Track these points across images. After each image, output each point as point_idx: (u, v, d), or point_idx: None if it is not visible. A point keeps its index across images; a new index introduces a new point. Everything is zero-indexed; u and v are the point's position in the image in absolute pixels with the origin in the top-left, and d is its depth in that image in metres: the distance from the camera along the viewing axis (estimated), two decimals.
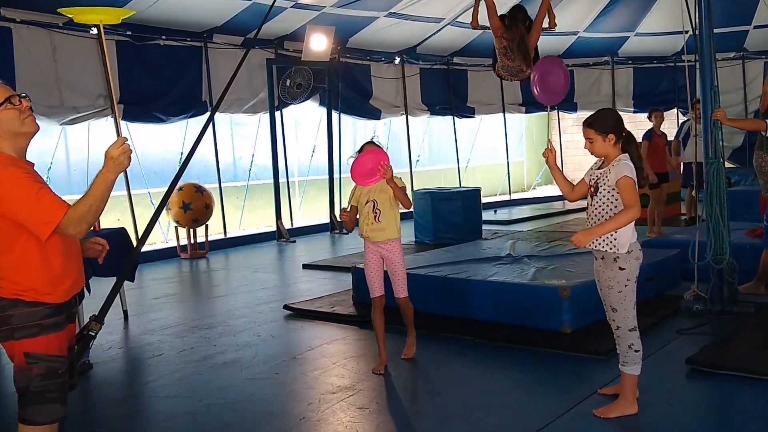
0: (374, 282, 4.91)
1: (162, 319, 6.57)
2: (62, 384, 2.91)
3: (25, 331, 2.82)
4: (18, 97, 2.87)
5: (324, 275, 8.38)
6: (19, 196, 2.72)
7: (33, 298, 2.83)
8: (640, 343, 3.91)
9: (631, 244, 3.82)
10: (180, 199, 9.67)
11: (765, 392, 4.17)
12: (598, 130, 3.83)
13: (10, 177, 2.75)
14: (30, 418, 2.85)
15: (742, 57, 14.53)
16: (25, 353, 2.82)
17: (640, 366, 3.91)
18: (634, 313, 3.89)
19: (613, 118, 3.88)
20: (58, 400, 2.88)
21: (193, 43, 10.58)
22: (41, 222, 2.74)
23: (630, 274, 3.83)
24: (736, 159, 14.66)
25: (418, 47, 13.62)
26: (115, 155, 2.81)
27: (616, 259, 3.81)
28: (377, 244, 4.90)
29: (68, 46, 9.11)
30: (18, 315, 2.82)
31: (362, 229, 4.93)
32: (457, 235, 9.73)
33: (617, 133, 3.82)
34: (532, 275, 5.85)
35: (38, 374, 2.83)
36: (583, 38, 14.40)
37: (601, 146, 3.84)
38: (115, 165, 2.81)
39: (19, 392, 2.86)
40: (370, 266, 4.92)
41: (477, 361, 5.05)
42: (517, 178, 17.64)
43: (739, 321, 5.50)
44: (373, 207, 4.85)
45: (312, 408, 4.20)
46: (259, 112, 11.66)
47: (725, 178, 5.89)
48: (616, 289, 3.85)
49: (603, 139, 3.82)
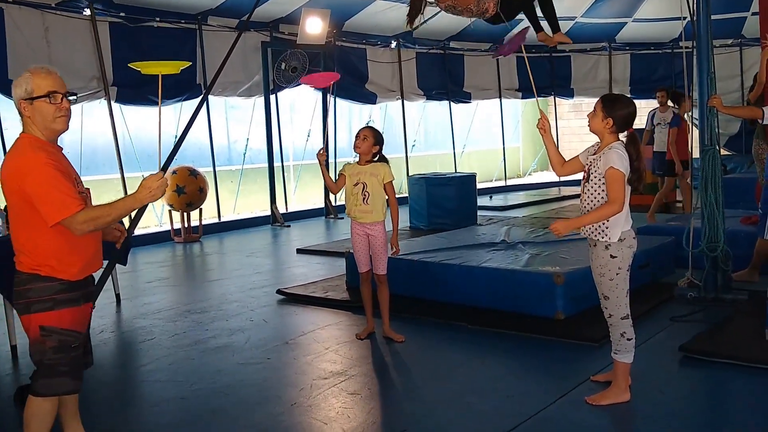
0: (362, 259, 5.17)
1: (154, 303, 6.55)
2: (74, 359, 3.05)
3: (41, 305, 2.97)
4: (62, 96, 3.02)
5: (318, 260, 8.36)
6: (38, 181, 2.88)
7: (48, 273, 2.98)
8: (633, 331, 3.91)
9: (624, 232, 3.80)
10: (174, 182, 9.61)
11: (757, 380, 4.17)
12: (605, 107, 3.80)
13: (36, 160, 2.91)
14: (38, 390, 3.03)
15: (740, 44, 14.49)
16: (40, 326, 2.98)
17: (632, 354, 3.91)
18: (627, 302, 3.88)
19: (627, 109, 3.82)
20: (68, 374, 3.03)
21: (188, 26, 10.49)
22: (49, 212, 2.89)
23: (622, 262, 3.81)
24: (732, 146, 14.65)
25: (414, 31, 13.52)
26: (153, 187, 2.96)
27: (607, 246, 3.80)
28: (363, 225, 5.08)
29: (61, 27, 9.02)
30: (35, 289, 2.97)
31: (349, 209, 5.12)
32: (452, 220, 9.72)
33: (619, 123, 3.79)
34: (526, 262, 5.83)
35: (51, 347, 2.98)
36: (581, 24, 14.31)
37: (598, 124, 3.82)
38: (150, 196, 2.98)
39: (35, 365, 3.04)
40: (357, 245, 5.15)
41: (470, 347, 5.04)
42: (512, 164, 17.60)
43: (733, 309, 5.51)
44: (362, 189, 5.02)
45: (304, 393, 4.19)
46: (254, 95, 11.58)
47: (721, 166, 5.87)
48: (607, 276, 3.83)
49: (603, 117, 3.80)
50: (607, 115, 3.79)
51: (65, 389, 3.06)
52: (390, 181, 5.06)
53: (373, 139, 5.05)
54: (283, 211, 11.94)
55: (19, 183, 2.90)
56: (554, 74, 15.64)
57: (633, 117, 3.85)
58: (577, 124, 18.44)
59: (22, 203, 2.94)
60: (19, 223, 3.00)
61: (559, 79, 15.71)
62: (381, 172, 5.03)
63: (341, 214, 12.04)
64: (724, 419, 3.79)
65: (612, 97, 3.91)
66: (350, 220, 5.18)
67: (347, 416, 3.84)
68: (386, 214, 5.11)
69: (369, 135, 5.05)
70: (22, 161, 2.93)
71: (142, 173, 10.65)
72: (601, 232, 3.80)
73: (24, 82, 3.01)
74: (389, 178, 5.05)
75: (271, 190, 11.73)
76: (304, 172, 13.26)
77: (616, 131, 3.82)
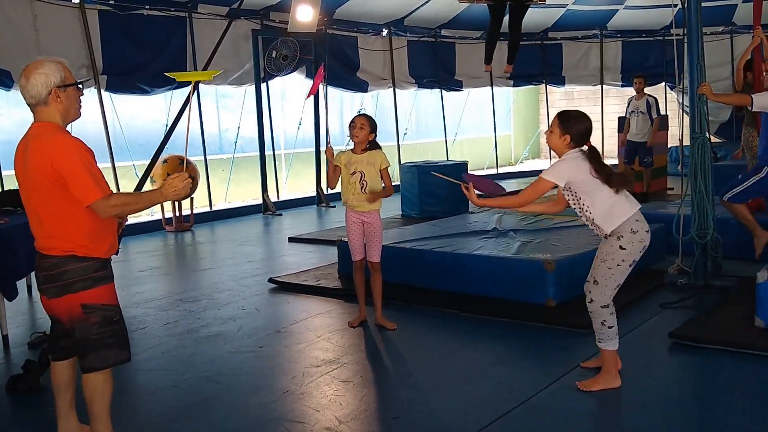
0: (356, 247, 5.17)
1: (146, 292, 6.54)
2: (118, 330, 3.21)
3: (82, 284, 3.09)
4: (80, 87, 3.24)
5: (310, 248, 8.36)
6: (75, 162, 2.99)
7: (85, 253, 3.10)
8: (614, 319, 3.93)
9: (636, 222, 3.85)
10: (165, 171, 9.57)
11: (747, 365, 4.21)
12: (562, 123, 3.88)
13: (71, 143, 3.04)
14: (91, 365, 3.14)
15: (731, 31, 14.51)
16: (82, 305, 3.09)
17: (616, 341, 3.93)
18: (612, 294, 3.91)
19: (582, 124, 3.89)
20: (116, 345, 3.18)
21: (178, 13, 10.42)
22: (84, 193, 3.00)
23: (628, 255, 3.85)
24: (722, 133, 14.70)
25: (405, 19, 13.50)
26: (179, 187, 3.16)
27: (619, 237, 3.83)
28: (360, 213, 5.09)
29: (50, 15, 8.96)
30: (72, 270, 3.08)
31: (347, 197, 5.11)
32: (444, 208, 9.73)
33: (576, 138, 3.86)
34: (517, 249, 5.85)
35: (95, 323, 3.12)
36: (572, 11, 14.31)
37: (556, 141, 3.90)
38: (174, 193, 3.17)
39: (80, 343, 3.14)
40: (353, 233, 5.15)
41: (461, 334, 5.06)
42: (504, 152, 17.62)
43: (722, 295, 5.54)
44: (360, 178, 5.03)
45: (296, 381, 4.20)
46: (244, 83, 11.53)
47: (711, 153, 5.89)
48: (607, 264, 3.87)
49: (560, 134, 3.87)
50: (564, 132, 3.86)
51: (117, 359, 3.21)
52: (386, 167, 5.08)
53: (369, 127, 5.07)
54: (274, 199, 11.92)
55: (53, 164, 2.97)
56: (546, 62, 15.63)
57: (589, 132, 3.91)
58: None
59: (52, 186, 3.02)
60: (49, 208, 3.07)
61: (550, 66, 15.71)
62: (377, 160, 5.05)
63: (333, 203, 12.04)
64: (713, 404, 3.82)
65: (568, 114, 3.95)
66: (345, 208, 5.18)
67: (339, 403, 3.86)
68: (381, 202, 5.13)
69: (366, 124, 5.06)
70: (55, 144, 3.02)
71: (132, 162, 10.63)
72: (597, 228, 3.90)
73: (57, 70, 3.13)
74: (385, 164, 5.08)
75: (262, 178, 11.71)
76: (296, 160, 13.24)
77: (572, 147, 3.88)
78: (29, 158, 3.05)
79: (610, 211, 3.84)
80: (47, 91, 3.09)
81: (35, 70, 3.09)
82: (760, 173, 5.84)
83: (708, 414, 3.69)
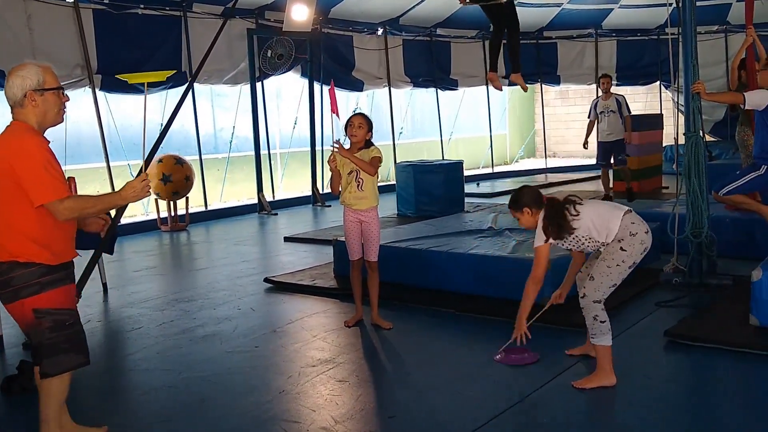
0: (353, 246, 5.16)
1: (142, 292, 6.53)
2: (72, 335, 3.18)
3: (29, 289, 3.08)
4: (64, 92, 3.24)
5: (305, 248, 8.35)
6: (32, 161, 2.99)
7: (27, 258, 3.07)
8: (605, 314, 3.94)
9: (632, 225, 3.91)
10: (160, 171, 9.57)
11: (742, 364, 4.22)
12: (514, 209, 4.07)
13: (32, 142, 3.04)
14: (45, 370, 3.14)
15: (725, 30, 14.54)
16: (34, 309, 3.10)
17: (610, 336, 3.94)
18: (607, 293, 3.93)
19: (527, 195, 4.05)
20: (70, 350, 3.17)
21: (172, 12, 10.41)
22: (39, 192, 3.00)
23: (628, 257, 3.89)
24: (717, 132, 14.72)
25: (400, 18, 13.50)
26: (138, 188, 3.15)
27: (620, 240, 3.89)
28: (357, 212, 5.09)
29: (44, 14, 8.93)
30: (18, 276, 3.07)
31: (344, 196, 5.12)
32: (439, 207, 9.74)
33: (531, 205, 4.01)
34: (513, 248, 5.86)
35: (47, 327, 3.11)
36: (567, 10, 14.33)
37: (526, 219, 4.06)
38: (134, 195, 3.16)
39: (35, 348, 3.16)
40: (350, 232, 5.14)
41: (457, 333, 5.07)
42: (500, 151, 17.64)
43: (717, 293, 5.56)
44: (356, 176, 5.04)
45: (292, 381, 4.20)
46: (239, 83, 11.53)
47: (705, 152, 5.89)
48: (606, 262, 3.90)
49: (529, 213, 4.02)
50: (522, 209, 4.02)
51: (72, 364, 3.20)
52: (378, 156, 5.03)
53: (366, 126, 5.08)
54: (270, 199, 11.92)
55: (11, 162, 2.99)
56: (541, 61, 15.65)
57: (535, 193, 4.07)
58: (563, 111, 18.51)
59: (10, 186, 3.01)
60: (5, 207, 3.07)
61: (545, 66, 15.72)
62: (370, 156, 5.04)
63: (328, 202, 12.04)
64: (709, 403, 3.83)
65: (513, 198, 4.11)
66: (342, 207, 5.18)
67: (336, 403, 3.86)
68: (379, 200, 5.15)
69: (364, 123, 5.07)
70: (18, 143, 3.05)
71: (128, 162, 10.62)
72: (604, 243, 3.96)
73: (35, 74, 3.14)
74: (377, 153, 5.04)
75: (257, 178, 11.70)
76: (291, 159, 13.24)
77: (537, 211, 4.01)
78: None
79: (605, 225, 3.92)
80: (22, 93, 3.11)
81: (15, 72, 3.14)
82: (759, 171, 5.86)
83: (703, 412, 3.70)
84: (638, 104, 17.08)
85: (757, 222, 6.20)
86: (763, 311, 4.54)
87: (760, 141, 5.86)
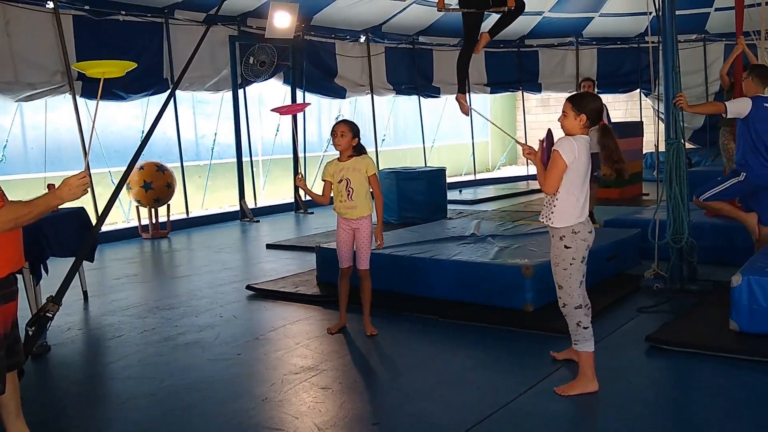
0: (344, 254, 5.15)
1: (122, 300, 6.47)
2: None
3: None
4: None
5: (288, 255, 8.33)
6: None
7: None
8: (588, 320, 3.97)
9: (578, 224, 3.90)
10: (141, 178, 9.51)
11: (722, 368, 4.25)
12: (575, 105, 3.88)
13: None
14: None
15: (704, 39, 14.71)
16: None
17: (592, 342, 3.96)
18: (580, 292, 3.95)
19: (595, 103, 3.93)
20: None
21: (154, 19, 10.36)
22: None
23: (576, 253, 3.90)
24: (697, 140, 14.88)
25: (383, 26, 13.53)
26: (75, 185, 2.93)
27: (562, 237, 3.91)
28: (349, 221, 5.07)
29: (23, 20, 8.85)
30: None
31: (336, 205, 5.12)
32: (422, 214, 9.75)
33: (592, 117, 3.87)
34: (495, 254, 5.87)
35: None
36: (548, 18, 14.43)
37: (571, 123, 3.89)
38: (70, 194, 2.93)
39: None
40: (342, 240, 5.13)
41: (440, 339, 5.07)
42: (482, 158, 17.69)
43: (698, 299, 5.60)
44: (346, 185, 5.03)
45: (275, 388, 4.17)
46: (221, 89, 11.48)
47: (685, 159, 5.96)
48: (561, 266, 3.94)
49: (575, 116, 3.87)
50: (579, 112, 3.87)
51: None
52: (374, 174, 5.07)
53: (350, 133, 5.05)
54: (252, 206, 11.87)
55: None
56: (522, 69, 15.74)
57: (602, 110, 3.96)
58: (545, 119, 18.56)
59: None
60: None
61: (526, 73, 15.82)
62: (363, 166, 5.03)
63: (311, 209, 12.01)
64: (690, 407, 3.86)
65: (578, 95, 4.01)
66: (336, 216, 5.16)
67: (319, 410, 3.84)
68: (372, 208, 5.14)
69: (346, 130, 5.04)
70: None
71: (108, 169, 10.53)
72: (547, 217, 3.94)
73: None
74: (372, 170, 5.06)
75: (239, 185, 11.65)
76: (273, 166, 13.20)
77: (588, 126, 3.90)
78: None
79: (576, 208, 3.89)
80: None
81: None
82: (739, 177, 5.92)
83: (685, 417, 3.73)
84: (618, 112, 17.22)
85: (737, 228, 6.27)
86: (742, 316, 4.59)
87: (741, 148, 5.93)
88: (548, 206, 3.95)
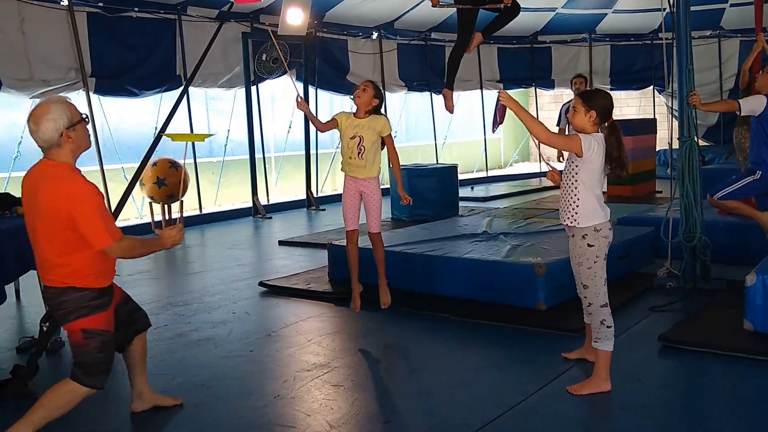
0: (349, 216, 5.10)
1: (136, 296, 6.37)
2: (110, 356, 3.49)
3: (80, 312, 3.34)
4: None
5: (300, 252, 8.34)
6: (90, 209, 3.22)
7: (84, 284, 3.33)
8: (612, 319, 3.96)
9: (600, 223, 3.90)
10: (154, 174, 9.50)
11: (736, 368, 4.23)
12: (586, 101, 3.89)
13: (86, 188, 3.25)
14: (85, 383, 3.40)
15: (718, 35, 14.60)
16: (82, 330, 3.36)
17: (612, 342, 3.95)
18: (605, 290, 3.94)
19: (606, 99, 3.93)
20: (107, 371, 3.47)
21: (167, 16, 10.39)
22: (97, 238, 3.26)
23: (599, 251, 3.89)
24: (710, 137, 14.79)
25: (395, 22, 13.50)
26: (174, 235, 3.58)
27: (584, 236, 3.89)
28: (356, 180, 5.01)
29: (37, 17, 8.89)
30: (71, 300, 3.32)
31: (344, 162, 5.02)
32: (434, 212, 9.73)
33: (602, 114, 3.88)
34: (507, 252, 5.86)
35: (95, 347, 3.38)
36: (561, 15, 14.36)
37: (581, 119, 3.89)
38: (172, 242, 3.58)
39: (79, 365, 3.40)
40: (348, 200, 5.07)
41: (452, 337, 5.06)
42: (494, 155, 17.65)
43: (711, 298, 5.57)
44: (359, 143, 4.93)
45: (287, 386, 4.19)
46: (234, 86, 11.50)
47: (699, 156, 5.92)
48: (585, 265, 3.91)
49: (585, 112, 3.87)
50: (590, 109, 3.87)
51: (102, 384, 3.47)
52: (389, 134, 5.02)
53: (373, 90, 5.00)
54: (264, 202, 11.89)
55: (68, 208, 3.19)
56: (535, 65, 15.68)
57: (612, 106, 3.96)
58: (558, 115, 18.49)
59: (63, 229, 3.22)
60: (56, 243, 3.27)
61: (539, 70, 15.76)
62: (379, 125, 4.98)
63: (323, 206, 12.03)
64: (703, 408, 3.84)
65: (589, 92, 4.02)
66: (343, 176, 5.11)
67: (330, 408, 3.85)
68: (380, 171, 5.10)
69: (369, 86, 5.01)
70: (71, 190, 3.23)
71: (121, 165, 10.58)
72: (570, 217, 3.92)
73: (63, 112, 3.28)
74: (388, 130, 5.00)
75: (252, 181, 11.68)
76: (286, 163, 13.22)
77: (599, 123, 3.90)
78: (41, 198, 3.24)
79: (599, 205, 3.90)
80: (58, 134, 3.25)
81: (43, 116, 3.25)
82: (755, 176, 5.89)
83: (697, 417, 3.71)
84: (632, 108, 17.17)
85: (751, 227, 6.22)
86: (757, 316, 4.56)
87: (756, 146, 5.89)
88: (568, 207, 3.94)
